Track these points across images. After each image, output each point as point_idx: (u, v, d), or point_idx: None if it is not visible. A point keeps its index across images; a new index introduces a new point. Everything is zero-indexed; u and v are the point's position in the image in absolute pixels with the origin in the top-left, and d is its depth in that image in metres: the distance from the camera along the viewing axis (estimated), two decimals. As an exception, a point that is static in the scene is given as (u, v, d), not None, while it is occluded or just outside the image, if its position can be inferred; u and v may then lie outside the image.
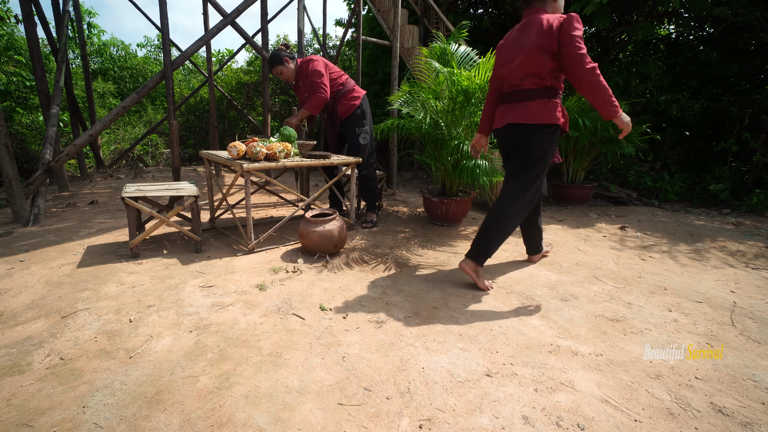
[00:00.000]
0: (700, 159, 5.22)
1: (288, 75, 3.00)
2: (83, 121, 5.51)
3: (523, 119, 2.00)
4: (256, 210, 3.83)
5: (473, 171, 2.93)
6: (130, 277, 2.16)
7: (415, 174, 6.66)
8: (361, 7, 4.79)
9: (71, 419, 1.16)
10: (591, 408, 1.27)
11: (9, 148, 3.13)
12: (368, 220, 3.24)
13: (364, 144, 3.16)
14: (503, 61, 2.07)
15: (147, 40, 12.72)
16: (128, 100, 3.59)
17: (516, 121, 2.03)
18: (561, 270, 2.48)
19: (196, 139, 9.44)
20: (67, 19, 4.79)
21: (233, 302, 1.91)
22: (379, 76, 7.35)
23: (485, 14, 6.89)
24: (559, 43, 1.84)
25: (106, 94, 9.34)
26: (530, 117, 1.99)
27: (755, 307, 2.03)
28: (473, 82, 2.90)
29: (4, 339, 1.56)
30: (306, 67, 2.96)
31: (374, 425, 1.17)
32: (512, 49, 2.01)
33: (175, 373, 1.38)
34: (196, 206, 2.53)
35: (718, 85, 4.89)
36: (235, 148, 2.56)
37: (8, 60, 6.61)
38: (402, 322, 1.77)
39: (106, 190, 4.68)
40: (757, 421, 1.23)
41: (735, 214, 4.04)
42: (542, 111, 1.97)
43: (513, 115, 2.04)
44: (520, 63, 1.96)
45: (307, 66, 2.96)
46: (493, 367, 1.46)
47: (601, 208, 4.36)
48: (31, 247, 2.59)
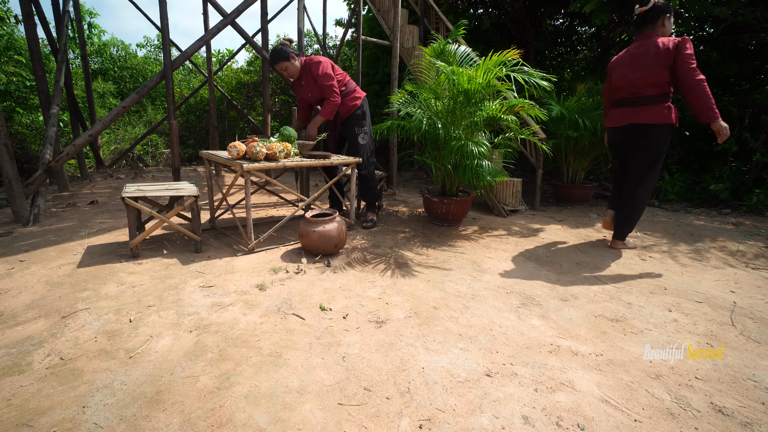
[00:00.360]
0: (700, 159, 5.21)
1: (292, 71, 2.98)
2: (83, 121, 5.51)
3: (646, 120, 2.54)
4: (256, 210, 3.83)
5: (477, 171, 2.93)
6: (130, 277, 2.16)
7: (415, 174, 6.66)
8: (361, 7, 4.78)
9: (71, 419, 1.16)
10: (591, 408, 1.27)
11: (9, 148, 3.13)
12: (368, 219, 3.24)
13: (364, 144, 3.17)
14: (619, 76, 2.66)
15: (147, 40, 12.71)
16: (128, 100, 3.59)
17: (640, 121, 2.57)
18: (561, 270, 2.48)
19: (196, 139, 9.44)
20: (67, 19, 4.79)
21: (233, 302, 1.91)
22: (379, 76, 7.35)
23: (485, 14, 6.89)
24: (674, 60, 2.40)
25: (106, 94, 9.33)
26: (651, 118, 2.53)
27: (755, 307, 2.03)
28: (474, 82, 2.90)
29: (4, 339, 1.56)
30: (314, 69, 2.94)
31: (374, 425, 1.17)
32: (629, 66, 2.58)
33: (175, 373, 1.38)
34: (196, 206, 2.53)
35: (719, 85, 4.89)
36: (235, 148, 2.56)
37: (8, 60, 6.61)
38: (402, 322, 1.77)
39: (106, 190, 4.68)
40: (757, 421, 1.23)
41: (735, 214, 4.04)
42: (660, 112, 2.51)
43: (635, 116, 2.59)
44: (642, 76, 2.51)
45: (316, 68, 2.94)
46: (493, 367, 1.46)
47: (601, 208, 4.36)
48: (31, 247, 2.59)
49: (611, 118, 2.78)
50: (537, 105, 3.14)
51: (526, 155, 4.30)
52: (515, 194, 4.02)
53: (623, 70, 2.63)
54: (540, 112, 3.14)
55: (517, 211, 4.04)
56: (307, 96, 3.08)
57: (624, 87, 2.64)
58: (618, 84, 2.68)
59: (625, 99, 2.65)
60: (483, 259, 2.62)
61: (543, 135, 3.90)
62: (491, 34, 6.72)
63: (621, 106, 2.69)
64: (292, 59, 2.93)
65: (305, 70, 3.00)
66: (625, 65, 2.63)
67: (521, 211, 4.07)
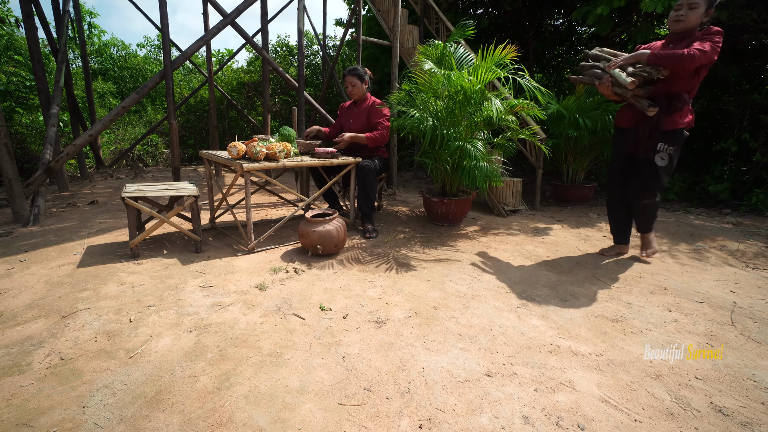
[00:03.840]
0: (700, 159, 5.21)
1: (358, 93, 3.20)
2: (83, 121, 5.51)
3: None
4: (256, 210, 3.83)
5: (472, 173, 2.93)
6: (130, 277, 2.16)
7: (415, 174, 6.66)
8: (361, 7, 4.78)
9: (71, 419, 1.16)
10: (591, 408, 1.27)
11: (9, 148, 3.13)
12: (368, 230, 3.05)
13: (372, 170, 3.14)
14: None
15: (147, 40, 12.70)
16: (128, 100, 3.59)
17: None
18: (561, 270, 2.48)
19: (196, 139, 9.44)
20: (67, 19, 4.78)
21: (233, 302, 1.91)
22: (378, 76, 7.35)
23: (485, 14, 6.88)
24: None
25: (106, 94, 9.33)
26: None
27: (755, 307, 2.03)
28: (474, 84, 2.90)
29: (4, 339, 1.56)
30: (378, 108, 3.17)
31: (374, 425, 1.17)
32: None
33: (175, 373, 1.37)
34: (196, 206, 2.53)
35: (718, 85, 4.89)
36: (235, 148, 2.56)
37: (8, 60, 6.60)
38: (402, 322, 1.77)
39: (106, 190, 4.68)
40: (757, 421, 1.23)
41: (735, 214, 4.04)
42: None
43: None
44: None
45: (381, 109, 3.17)
46: (493, 367, 1.46)
47: (601, 208, 4.36)
48: (31, 247, 2.59)
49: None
50: (536, 105, 3.14)
51: (526, 155, 4.30)
52: (515, 194, 4.02)
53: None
54: (539, 112, 3.14)
55: (517, 211, 4.04)
56: (349, 123, 3.27)
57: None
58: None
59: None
60: (483, 259, 2.62)
61: (543, 135, 3.90)
62: (491, 34, 6.72)
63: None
64: (365, 83, 3.20)
65: (366, 103, 3.23)
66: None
67: (521, 211, 4.07)
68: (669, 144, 2.31)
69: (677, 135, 2.31)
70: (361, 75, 3.16)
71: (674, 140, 2.31)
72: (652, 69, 2.14)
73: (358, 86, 3.16)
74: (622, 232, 2.73)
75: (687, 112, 2.30)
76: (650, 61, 2.14)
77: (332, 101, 8.78)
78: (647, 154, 2.36)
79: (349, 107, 3.34)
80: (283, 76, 4.38)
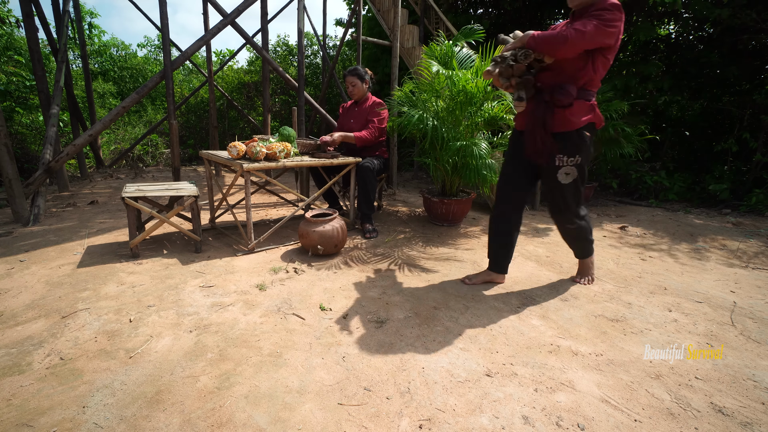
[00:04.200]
0: (700, 159, 5.21)
1: (359, 93, 3.21)
2: (83, 121, 5.51)
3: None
4: (256, 210, 3.83)
5: (480, 171, 2.93)
6: (130, 277, 2.16)
7: (415, 174, 6.66)
8: (361, 7, 4.78)
9: (71, 419, 1.16)
10: (591, 408, 1.27)
11: (9, 148, 3.13)
12: (367, 230, 3.06)
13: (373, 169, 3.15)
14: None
15: (148, 41, 12.71)
16: (128, 100, 3.59)
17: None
18: (561, 270, 2.48)
19: (196, 139, 9.44)
20: (67, 19, 4.78)
21: (233, 302, 1.91)
22: (379, 76, 7.35)
23: (485, 14, 6.89)
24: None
25: (106, 94, 9.33)
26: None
27: (755, 307, 2.03)
28: (477, 85, 2.90)
29: (4, 339, 1.56)
30: (376, 107, 3.17)
31: (374, 425, 1.17)
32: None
33: (175, 373, 1.38)
34: (196, 206, 2.53)
35: (718, 85, 4.89)
36: (235, 148, 2.56)
37: (8, 60, 6.60)
38: (402, 322, 1.77)
39: (106, 190, 4.68)
40: (757, 421, 1.23)
41: (735, 214, 4.04)
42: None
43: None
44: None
45: (377, 107, 3.17)
46: (493, 367, 1.46)
47: (601, 208, 4.36)
48: (31, 247, 2.59)
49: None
50: None
51: (526, 155, 4.29)
52: (515, 194, 4.01)
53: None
54: None
55: (517, 211, 4.03)
56: (350, 123, 3.27)
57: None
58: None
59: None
60: (483, 259, 2.62)
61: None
62: (491, 34, 6.72)
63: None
64: (365, 83, 3.20)
65: (367, 103, 3.23)
66: None
67: (521, 211, 4.06)
68: (567, 154, 1.85)
69: (574, 139, 1.84)
70: (362, 75, 3.17)
71: (573, 147, 1.85)
72: (520, 53, 1.73)
73: (359, 86, 3.17)
74: (501, 259, 2.18)
75: (584, 108, 1.82)
76: (529, 45, 1.71)
77: (332, 101, 8.78)
78: (549, 167, 1.90)
79: (350, 107, 3.35)
80: (283, 76, 4.38)
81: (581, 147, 1.86)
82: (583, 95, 1.82)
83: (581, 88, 1.81)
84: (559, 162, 1.87)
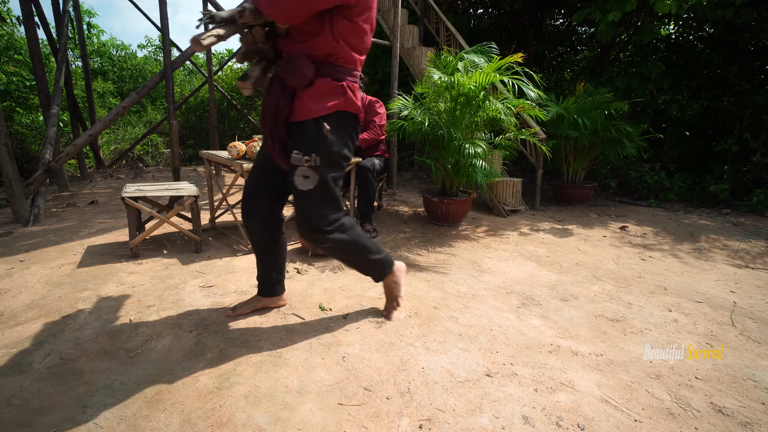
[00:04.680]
0: (700, 159, 5.22)
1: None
2: (83, 121, 5.51)
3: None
4: (256, 210, 3.82)
5: (469, 171, 2.93)
6: (130, 277, 2.16)
7: (415, 174, 6.66)
8: (361, 7, 4.77)
9: (71, 419, 1.16)
10: (591, 408, 1.26)
11: (9, 148, 3.13)
12: (367, 230, 3.02)
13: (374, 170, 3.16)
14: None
15: (148, 41, 12.70)
16: (128, 100, 3.59)
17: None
18: (561, 270, 2.48)
19: (196, 139, 9.43)
20: (67, 19, 4.78)
21: (233, 302, 1.91)
22: (379, 75, 7.35)
23: (485, 14, 6.89)
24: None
25: (106, 94, 9.33)
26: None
27: (755, 307, 2.03)
28: (479, 86, 2.91)
29: (4, 339, 1.56)
30: (374, 107, 3.16)
31: (374, 425, 1.17)
32: None
33: (175, 373, 1.37)
34: (196, 206, 2.53)
35: (719, 85, 4.89)
36: (235, 148, 2.56)
37: (8, 60, 6.60)
38: (402, 322, 1.77)
39: (106, 190, 4.68)
40: (757, 421, 1.23)
41: (735, 214, 4.04)
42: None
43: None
44: None
45: (376, 107, 3.16)
46: (493, 367, 1.46)
47: (601, 208, 4.36)
48: (31, 247, 2.59)
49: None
50: (537, 106, 3.14)
51: (526, 155, 4.30)
52: (515, 194, 4.02)
53: None
54: (540, 112, 3.14)
55: (517, 211, 4.04)
56: None
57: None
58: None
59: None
60: (483, 259, 2.62)
61: (543, 135, 3.90)
62: (491, 35, 6.72)
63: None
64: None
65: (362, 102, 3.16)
66: None
67: (521, 211, 4.07)
68: (303, 150, 1.38)
69: (311, 132, 1.39)
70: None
71: (308, 142, 1.39)
72: (237, 14, 1.28)
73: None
74: (262, 278, 1.77)
75: (327, 89, 1.38)
76: (253, 2, 1.29)
77: (332, 101, 8.76)
78: (288, 169, 1.43)
79: None
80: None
81: (320, 143, 1.38)
82: (328, 71, 1.37)
83: (325, 63, 1.37)
84: (297, 160, 1.39)
